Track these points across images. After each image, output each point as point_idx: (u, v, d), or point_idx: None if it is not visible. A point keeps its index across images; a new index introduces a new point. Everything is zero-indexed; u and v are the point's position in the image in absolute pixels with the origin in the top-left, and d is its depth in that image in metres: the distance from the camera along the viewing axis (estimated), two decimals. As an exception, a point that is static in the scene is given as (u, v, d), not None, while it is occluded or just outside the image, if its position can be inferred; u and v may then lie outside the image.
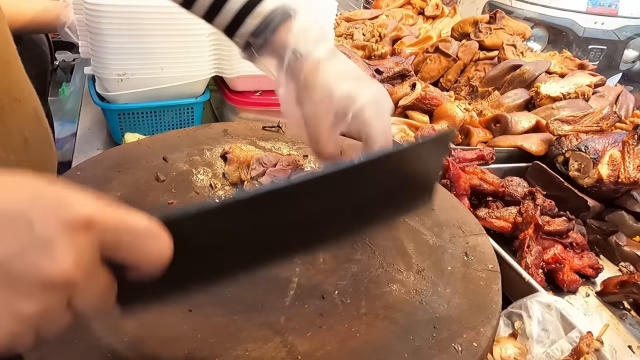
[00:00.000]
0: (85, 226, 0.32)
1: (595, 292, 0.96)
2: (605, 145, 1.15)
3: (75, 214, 0.31)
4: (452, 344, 0.61)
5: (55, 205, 0.31)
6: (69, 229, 0.31)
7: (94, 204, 0.33)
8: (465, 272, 0.74)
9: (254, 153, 0.92)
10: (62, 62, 2.52)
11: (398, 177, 0.56)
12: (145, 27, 1.06)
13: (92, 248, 0.32)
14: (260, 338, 0.59)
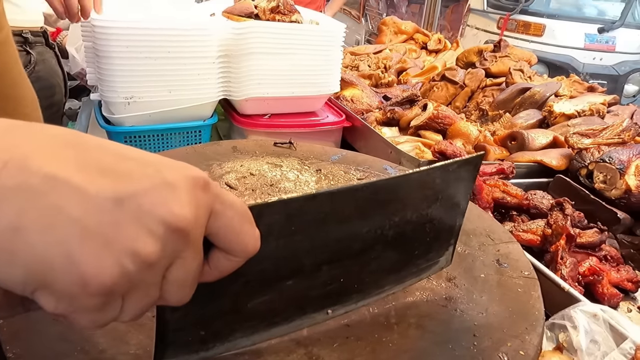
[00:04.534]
0: (204, 186, 0.32)
1: (637, 307, 0.89)
2: (629, 156, 1.10)
3: (197, 173, 0.32)
4: (496, 352, 0.55)
5: (180, 164, 0.32)
6: (192, 183, 0.31)
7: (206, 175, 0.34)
8: (500, 280, 0.68)
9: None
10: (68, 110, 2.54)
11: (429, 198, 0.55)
12: (153, 49, 1.05)
13: (206, 209, 0.32)
14: (282, 350, 0.53)
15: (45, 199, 0.27)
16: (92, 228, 0.28)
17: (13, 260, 0.27)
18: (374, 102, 1.68)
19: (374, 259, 0.54)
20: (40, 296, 0.28)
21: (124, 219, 0.29)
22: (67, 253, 0.27)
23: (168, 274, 0.32)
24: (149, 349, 0.50)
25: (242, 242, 0.35)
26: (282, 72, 1.24)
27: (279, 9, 1.26)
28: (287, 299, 0.48)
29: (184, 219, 0.30)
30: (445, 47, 2.64)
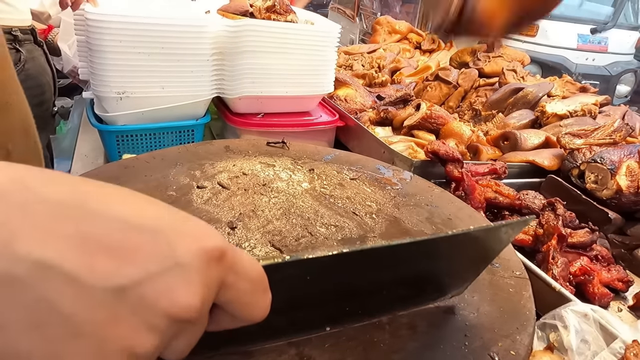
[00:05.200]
0: (218, 258, 0.29)
1: (627, 307, 0.89)
2: (621, 157, 1.11)
3: (214, 244, 0.28)
4: (487, 352, 0.55)
5: (198, 231, 0.28)
6: (206, 258, 0.28)
7: (223, 238, 0.30)
8: (492, 279, 0.68)
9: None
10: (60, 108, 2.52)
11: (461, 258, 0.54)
12: (147, 44, 1.04)
13: (217, 285, 0.29)
14: (273, 350, 0.52)
15: (33, 292, 0.24)
16: (86, 327, 0.25)
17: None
18: (368, 102, 1.68)
19: (383, 295, 0.54)
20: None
21: (123, 314, 0.25)
22: (55, 354, 0.24)
23: (169, 344, 0.29)
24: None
25: (250, 313, 0.33)
26: (277, 72, 1.23)
27: (274, 9, 1.26)
28: (287, 323, 0.49)
29: (191, 310, 0.27)
30: (439, 47, 2.65)
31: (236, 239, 0.70)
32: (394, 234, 0.76)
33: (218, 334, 0.39)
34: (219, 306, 0.32)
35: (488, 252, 0.56)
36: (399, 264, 0.49)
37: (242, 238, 0.71)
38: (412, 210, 0.84)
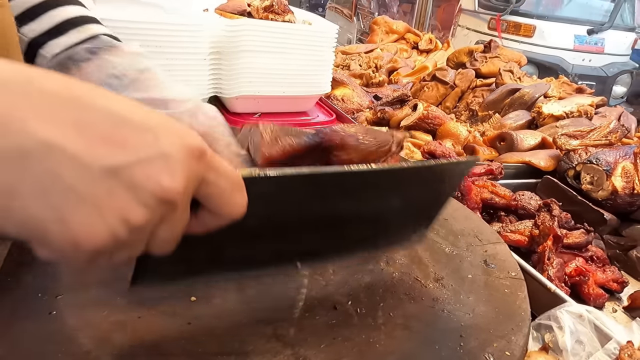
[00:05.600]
0: (199, 156, 0.33)
1: (622, 308, 0.90)
2: (616, 158, 1.11)
3: (196, 142, 0.33)
4: (482, 353, 0.55)
5: (181, 131, 0.33)
6: (188, 153, 0.32)
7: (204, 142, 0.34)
8: (488, 280, 0.69)
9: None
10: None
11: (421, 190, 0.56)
12: (144, 42, 1.04)
13: (197, 178, 0.33)
14: (269, 351, 0.53)
15: (40, 165, 0.27)
16: (86, 195, 0.29)
17: (8, 217, 0.28)
18: (365, 102, 1.68)
19: (351, 232, 0.56)
20: (34, 244, 0.30)
21: (117, 189, 0.30)
22: (60, 218, 0.29)
23: (155, 232, 0.34)
24: (134, 350, 0.50)
25: (229, 209, 0.37)
26: (274, 71, 1.23)
27: (272, 8, 1.26)
28: (263, 254, 0.51)
29: (173, 192, 0.31)
30: (436, 47, 2.65)
31: (232, 239, 0.70)
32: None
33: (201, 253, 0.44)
34: (203, 207, 0.36)
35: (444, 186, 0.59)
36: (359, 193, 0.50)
37: (239, 238, 0.71)
38: (409, 211, 0.84)
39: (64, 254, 0.30)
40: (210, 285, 0.61)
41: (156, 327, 0.53)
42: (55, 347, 0.48)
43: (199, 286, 0.60)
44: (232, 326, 0.56)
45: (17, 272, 0.58)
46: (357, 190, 0.50)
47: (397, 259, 0.71)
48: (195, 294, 0.59)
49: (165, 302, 0.57)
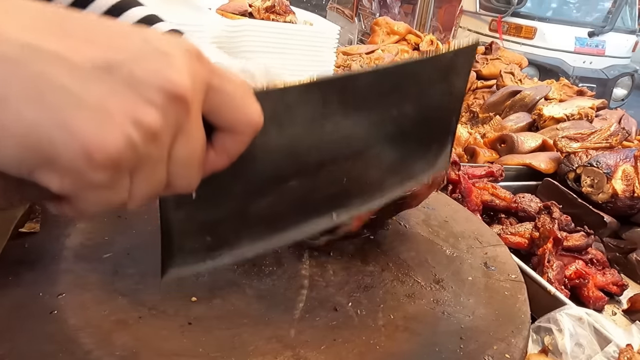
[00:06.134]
0: (198, 56, 0.30)
1: (622, 311, 0.90)
2: (617, 161, 1.12)
3: (190, 45, 0.30)
4: (482, 355, 0.55)
5: (170, 37, 0.30)
6: (186, 52, 0.29)
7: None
8: (488, 282, 0.69)
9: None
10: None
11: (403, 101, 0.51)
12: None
13: (203, 81, 0.30)
14: (269, 352, 0.53)
15: (26, 69, 0.25)
16: (84, 96, 0.26)
17: (3, 134, 0.25)
18: (366, 103, 1.68)
19: (374, 158, 0.51)
20: (42, 175, 0.27)
21: (118, 87, 0.26)
22: (62, 123, 0.25)
23: (173, 151, 0.30)
24: (135, 350, 0.50)
25: (245, 115, 0.32)
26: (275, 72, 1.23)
27: (274, 9, 1.26)
28: (290, 202, 0.46)
29: (182, 86, 0.28)
30: (437, 49, 2.65)
31: (233, 239, 0.71)
32: (390, 234, 0.77)
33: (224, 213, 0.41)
34: (218, 130, 0.33)
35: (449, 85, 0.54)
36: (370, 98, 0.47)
37: (239, 239, 0.71)
38: (409, 212, 0.84)
39: (78, 174, 0.26)
40: (210, 285, 0.61)
41: (157, 327, 0.53)
42: (55, 347, 0.48)
43: (200, 287, 0.60)
44: (232, 327, 0.56)
45: (17, 272, 0.58)
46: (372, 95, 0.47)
47: (398, 260, 0.71)
48: (196, 294, 0.59)
49: (166, 302, 0.57)
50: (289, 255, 0.69)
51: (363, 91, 0.46)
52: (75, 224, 0.68)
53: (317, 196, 0.48)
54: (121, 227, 0.69)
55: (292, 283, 0.65)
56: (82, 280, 0.58)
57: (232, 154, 0.34)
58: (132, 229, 0.69)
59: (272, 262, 0.67)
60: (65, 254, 0.62)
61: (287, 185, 0.45)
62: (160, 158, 0.29)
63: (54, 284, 0.57)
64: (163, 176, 0.30)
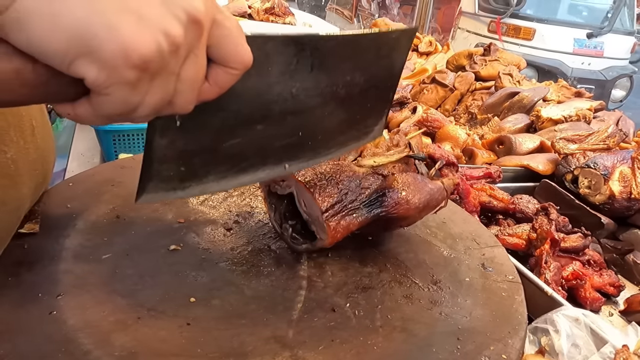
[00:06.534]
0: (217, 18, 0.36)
1: (618, 312, 0.90)
2: (614, 162, 1.12)
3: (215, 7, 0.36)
4: (479, 356, 0.55)
5: None
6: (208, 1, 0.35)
7: None
8: (485, 284, 0.69)
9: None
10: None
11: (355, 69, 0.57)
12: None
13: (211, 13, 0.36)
14: (267, 352, 0.53)
15: None
16: (129, 3, 0.31)
17: (55, 23, 0.29)
18: (364, 104, 1.68)
19: (327, 116, 0.57)
20: (82, 65, 0.31)
21: (158, 2, 0.32)
22: (108, 23, 0.30)
23: (182, 70, 0.35)
24: (133, 350, 0.50)
25: (239, 53, 0.39)
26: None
27: (273, 10, 1.26)
28: (253, 145, 0.51)
29: (200, 12, 0.34)
30: (436, 50, 2.66)
31: (232, 240, 0.71)
32: (388, 236, 0.77)
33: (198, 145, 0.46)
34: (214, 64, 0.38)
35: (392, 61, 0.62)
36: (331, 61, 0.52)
37: (238, 240, 0.71)
38: (407, 214, 0.85)
39: (113, 68, 0.31)
40: (209, 286, 0.61)
41: (156, 328, 0.54)
42: (54, 347, 0.49)
43: (199, 287, 0.61)
44: (231, 327, 0.56)
45: (17, 272, 0.58)
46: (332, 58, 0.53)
47: (396, 261, 0.72)
48: (195, 295, 0.59)
49: (164, 303, 0.57)
50: (288, 256, 0.70)
51: (327, 53, 0.51)
52: (75, 225, 0.68)
53: (276, 144, 0.54)
54: (120, 228, 0.70)
55: (291, 284, 0.65)
56: (81, 281, 0.58)
57: (222, 86, 0.40)
58: (131, 230, 0.70)
59: (271, 263, 0.67)
60: (65, 254, 0.63)
61: (253, 129, 0.50)
62: (175, 71, 0.35)
63: (53, 285, 0.57)
64: (172, 89, 0.36)
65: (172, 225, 0.72)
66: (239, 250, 0.69)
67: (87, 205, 0.73)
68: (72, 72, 0.31)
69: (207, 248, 0.69)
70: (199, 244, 0.69)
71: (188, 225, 0.73)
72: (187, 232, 0.71)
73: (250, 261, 0.67)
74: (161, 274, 0.62)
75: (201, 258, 0.66)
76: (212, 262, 0.66)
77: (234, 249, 0.69)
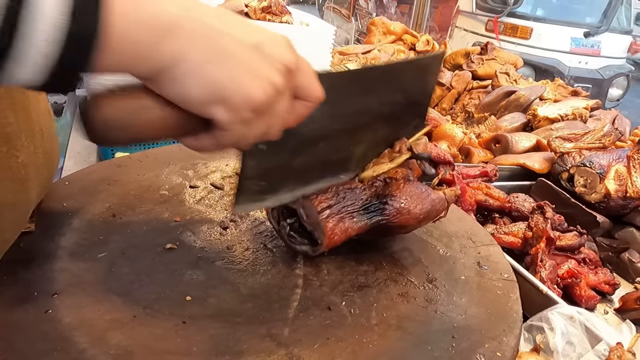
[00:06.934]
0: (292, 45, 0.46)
1: (613, 309, 0.91)
2: (609, 161, 1.12)
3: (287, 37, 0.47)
4: (474, 354, 0.56)
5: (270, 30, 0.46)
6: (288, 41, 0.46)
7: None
8: (480, 282, 0.69)
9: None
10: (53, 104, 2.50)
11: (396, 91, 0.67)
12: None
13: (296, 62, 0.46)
14: (263, 350, 0.53)
15: (216, 42, 0.41)
16: (247, 62, 0.42)
17: (200, 81, 0.40)
18: (361, 103, 1.69)
19: (374, 132, 0.67)
20: (215, 109, 0.42)
21: (263, 59, 0.43)
22: (236, 79, 0.41)
23: (277, 108, 0.45)
24: (129, 349, 0.50)
25: (315, 90, 0.49)
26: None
27: (270, 9, 1.26)
28: (316, 161, 0.62)
29: (292, 62, 0.44)
30: (433, 49, 2.66)
31: (228, 239, 0.71)
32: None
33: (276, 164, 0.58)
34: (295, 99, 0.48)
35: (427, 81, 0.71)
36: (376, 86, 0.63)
37: (234, 238, 0.71)
38: (403, 212, 0.85)
39: (238, 111, 0.42)
40: (205, 285, 0.61)
41: (151, 326, 0.54)
42: (50, 346, 0.49)
43: (195, 286, 0.61)
44: (226, 325, 0.56)
45: (13, 271, 0.58)
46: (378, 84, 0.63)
47: (391, 260, 0.72)
48: (191, 294, 0.59)
49: (160, 302, 0.57)
50: (284, 255, 0.70)
51: (374, 80, 0.62)
52: (71, 224, 0.68)
53: (333, 158, 0.64)
54: (116, 227, 0.70)
55: (287, 282, 0.65)
56: (77, 280, 0.58)
57: (301, 116, 0.50)
58: (127, 229, 0.70)
59: (267, 261, 0.68)
60: (60, 253, 0.63)
61: (316, 148, 0.61)
62: (275, 109, 0.45)
63: (48, 283, 0.57)
64: (270, 123, 0.46)
65: (169, 223, 0.72)
66: (235, 248, 0.69)
67: (83, 204, 0.73)
68: (206, 114, 0.42)
69: (203, 247, 0.69)
70: (195, 243, 0.69)
71: (184, 224, 0.73)
72: (183, 230, 0.71)
73: (246, 260, 0.67)
74: (157, 272, 0.62)
75: (197, 257, 0.66)
76: (208, 260, 0.66)
77: (230, 247, 0.69)
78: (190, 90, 0.40)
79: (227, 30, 0.42)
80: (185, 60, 0.39)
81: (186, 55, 0.39)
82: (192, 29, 0.40)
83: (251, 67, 0.42)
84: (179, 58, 0.39)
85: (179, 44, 0.39)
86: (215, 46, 0.41)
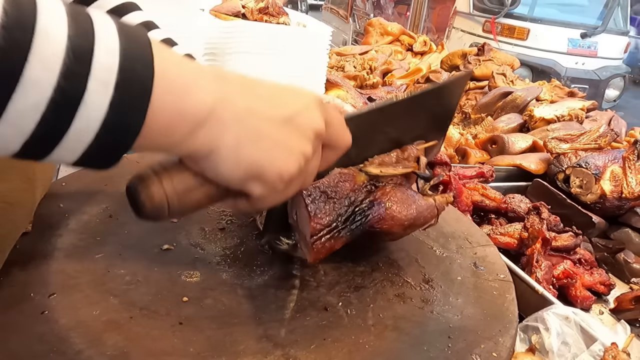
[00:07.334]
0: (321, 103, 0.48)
1: (609, 310, 0.91)
2: (605, 162, 1.13)
3: (316, 95, 0.48)
4: (470, 354, 0.56)
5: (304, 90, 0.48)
6: (318, 102, 0.47)
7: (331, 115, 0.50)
8: (477, 282, 0.70)
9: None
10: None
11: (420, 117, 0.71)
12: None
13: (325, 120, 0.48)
14: (259, 351, 0.53)
15: (249, 124, 0.42)
16: (279, 140, 0.44)
17: (238, 163, 0.42)
18: (359, 104, 1.69)
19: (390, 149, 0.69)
20: (251, 185, 0.44)
21: (294, 132, 0.44)
22: (270, 159, 0.43)
23: (309, 166, 0.48)
24: (125, 350, 0.50)
25: (343, 139, 0.51)
26: (268, 73, 1.24)
27: (267, 10, 1.26)
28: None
29: (322, 129, 0.47)
30: (431, 50, 2.67)
31: (224, 240, 0.71)
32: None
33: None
34: (324, 147, 0.50)
35: (453, 100, 0.75)
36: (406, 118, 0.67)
37: (231, 240, 0.71)
38: (400, 213, 0.85)
39: (272, 185, 0.44)
40: (201, 286, 0.62)
41: (148, 327, 0.54)
42: (46, 347, 0.49)
43: (192, 287, 0.61)
44: (223, 326, 0.56)
45: (9, 272, 0.58)
46: (403, 112, 0.67)
47: (388, 260, 0.72)
48: (188, 295, 0.59)
49: (157, 302, 0.57)
50: (281, 256, 0.70)
51: (398, 112, 0.66)
52: (67, 224, 0.68)
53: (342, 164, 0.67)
54: (113, 228, 0.70)
55: (284, 283, 0.65)
56: (74, 281, 0.58)
57: (330, 163, 0.52)
58: (124, 230, 0.70)
59: (264, 262, 0.68)
60: (57, 254, 0.63)
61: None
62: (306, 171, 0.47)
63: (45, 285, 0.57)
64: (303, 182, 0.49)
65: (165, 224, 0.72)
66: (232, 249, 0.69)
67: (80, 205, 0.73)
68: (243, 189, 0.44)
69: (200, 248, 0.69)
70: (191, 244, 0.69)
71: (181, 225, 0.73)
72: (180, 231, 0.71)
73: (243, 261, 0.67)
74: (154, 273, 0.62)
75: (194, 257, 0.66)
76: (205, 261, 0.66)
77: (227, 248, 0.69)
78: (227, 173, 0.42)
79: (259, 109, 0.43)
80: (220, 147, 0.41)
81: (220, 142, 0.41)
82: (226, 117, 0.41)
83: (283, 144, 0.44)
84: (214, 145, 0.41)
85: (212, 132, 0.40)
86: (248, 129, 0.42)
